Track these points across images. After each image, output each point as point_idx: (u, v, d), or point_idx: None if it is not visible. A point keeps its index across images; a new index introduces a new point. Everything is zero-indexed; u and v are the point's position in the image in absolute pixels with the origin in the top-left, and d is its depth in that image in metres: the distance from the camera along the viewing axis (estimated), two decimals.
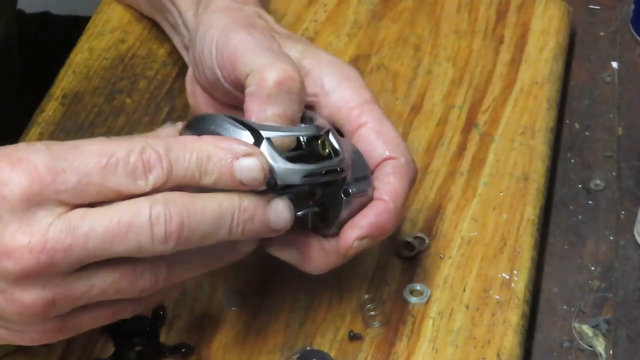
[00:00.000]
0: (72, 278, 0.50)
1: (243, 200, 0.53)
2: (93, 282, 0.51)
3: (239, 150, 0.52)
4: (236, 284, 0.67)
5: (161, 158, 0.50)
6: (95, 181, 0.49)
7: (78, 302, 0.51)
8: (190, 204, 0.51)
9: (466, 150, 0.76)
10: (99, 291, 0.51)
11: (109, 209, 0.50)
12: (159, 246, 0.50)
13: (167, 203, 0.50)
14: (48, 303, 0.50)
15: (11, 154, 0.50)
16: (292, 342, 0.64)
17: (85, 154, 0.50)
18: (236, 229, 0.52)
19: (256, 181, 0.52)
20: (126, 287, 0.52)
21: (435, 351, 0.63)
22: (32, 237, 0.48)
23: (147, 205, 0.50)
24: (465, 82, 0.82)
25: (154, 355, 0.62)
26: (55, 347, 0.63)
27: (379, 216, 0.58)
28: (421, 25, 0.87)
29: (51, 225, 0.49)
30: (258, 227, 0.53)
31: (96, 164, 0.49)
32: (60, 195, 0.49)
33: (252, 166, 0.52)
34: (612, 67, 0.87)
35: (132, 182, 0.50)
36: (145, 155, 0.50)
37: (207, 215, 0.51)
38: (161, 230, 0.50)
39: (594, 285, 0.70)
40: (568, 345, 0.67)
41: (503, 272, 0.68)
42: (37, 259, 0.48)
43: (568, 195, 0.77)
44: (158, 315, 0.64)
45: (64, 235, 0.49)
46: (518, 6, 0.89)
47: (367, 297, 0.66)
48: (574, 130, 0.82)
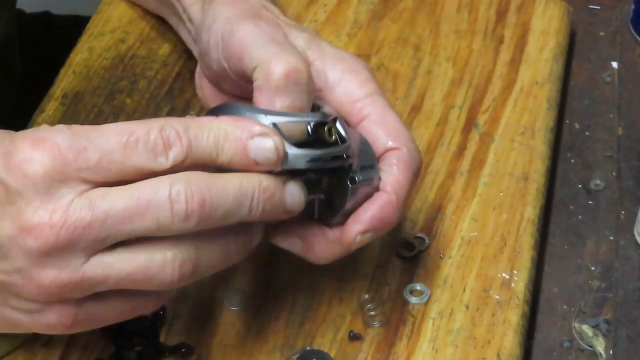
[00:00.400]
0: (93, 260, 0.50)
1: (263, 180, 0.53)
2: (113, 266, 0.51)
3: (255, 130, 0.53)
4: (236, 284, 0.67)
5: (180, 135, 0.51)
6: (116, 159, 0.50)
7: (96, 286, 0.51)
8: (211, 182, 0.51)
9: (466, 150, 0.76)
10: (118, 278, 0.51)
11: (129, 187, 0.50)
12: (180, 224, 0.50)
13: (189, 181, 0.50)
14: (66, 283, 0.50)
15: (34, 134, 0.50)
16: (292, 342, 0.64)
17: (106, 134, 0.50)
18: (256, 209, 0.53)
19: (270, 161, 0.53)
20: (146, 276, 0.51)
21: (435, 351, 0.63)
22: (53, 213, 0.49)
23: (168, 184, 0.50)
24: (465, 82, 0.82)
25: (154, 355, 0.62)
26: (55, 347, 0.63)
27: (382, 209, 0.58)
28: (421, 25, 0.87)
29: (72, 202, 0.49)
30: (276, 207, 0.54)
31: (117, 142, 0.50)
32: (82, 173, 0.50)
33: (266, 146, 0.53)
34: (612, 67, 0.87)
35: (153, 159, 0.50)
36: (165, 133, 0.51)
37: (228, 193, 0.51)
38: (182, 208, 0.50)
39: (594, 285, 0.70)
40: (568, 345, 0.67)
41: (503, 272, 0.68)
42: (57, 235, 0.49)
43: (568, 195, 0.77)
44: (158, 315, 0.64)
45: (84, 212, 0.49)
46: (518, 6, 0.89)
47: (367, 297, 0.66)
48: (574, 130, 0.82)
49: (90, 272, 0.50)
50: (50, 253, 0.49)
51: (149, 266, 0.51)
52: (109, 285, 0.51)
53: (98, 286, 0.51)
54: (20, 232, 0.49)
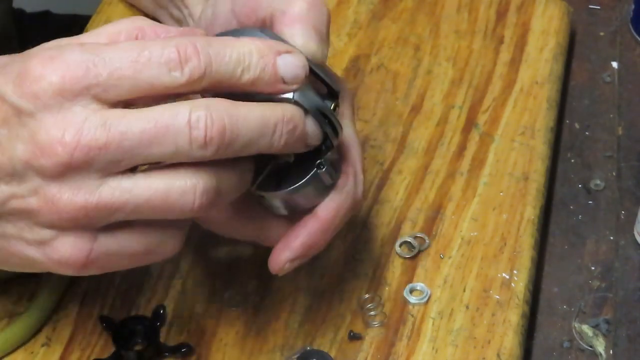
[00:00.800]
0: (110, 183, 0.49)
1: (286, 111, 0.52)
2: (131, 191, 0.49)
3: (281, 48, 0.52)
4: (236, 284, 0.67)
5: (198, 51, 0.49)
6: (127, 74, 0.49)
7: (113, 214, 0.50)
8: (233, 110, 0.50)
9: (466, 150, 0.76)
10: (136, 204, 0.49)
11: (147, 110, 0.49)
12: (198, 151, 0.49)
13: (209, 107, 0.49)
14: (81, 206, 0.49)
15: (44, 52, 0.49)
16: (292, 342, 0.64)
17: (117, 50, 0.49)
18: (279, 140, 0.52)
19: (298, 79, 0.52)
20: (166, 203, 0.50)
21: (435, 351, 0.63)
22: (65, 132, 0.48)
23: (188, 109, 0.49)
24: (465, 82, 0.82)
25: (154, 355, 0.62)
26: (55, 347, 0.63)
27: (312, 236, 0.57)
28: (421, 25, 0.87)
29: (86, 120, 0.48)
30: (298, 139, 0.53)
31: (128, 57, 0.49)
32: (93, 90, 0.48)
33: (295, 62, 0.52)
34: (612, 67, 0.87)
35: (166, 73, 0.49)
36: (181, 48, 0.49)
37: (250, 122, 0.50)
38: (200, 135, 0.49)
39: (594, 285, 0.70)
40: (568, 345, 0.67)
41: (503, 272, 0.68)
42: (71, 154, 0.48)
43: (568, 195, 0.77)
44: (158, 315, 0.64)
45: (99, 132, 0.48)
46: (518, 6, 0.89)
47: (367, 297, 0.66)
48: (574, 130, 0.82)
49: (107, 196, 0.49)
50: (65, 173, 0.48)
51: (169, 193, 0.49)
52: (126, 213, 0.50)
53: (115, 213, 0.49)
54: (33, 153, 0.48)
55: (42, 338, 0.63)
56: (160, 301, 0.65)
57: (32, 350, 0.63)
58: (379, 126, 0.78)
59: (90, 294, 0.66)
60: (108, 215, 0.50)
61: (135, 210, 0.50)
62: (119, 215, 0.50)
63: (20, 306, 0.65)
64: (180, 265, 0.68)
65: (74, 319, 0.64)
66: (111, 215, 0.50)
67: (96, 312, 0.65)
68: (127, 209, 0.50)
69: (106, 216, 0.50)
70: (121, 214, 0.50)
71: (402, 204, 0.72)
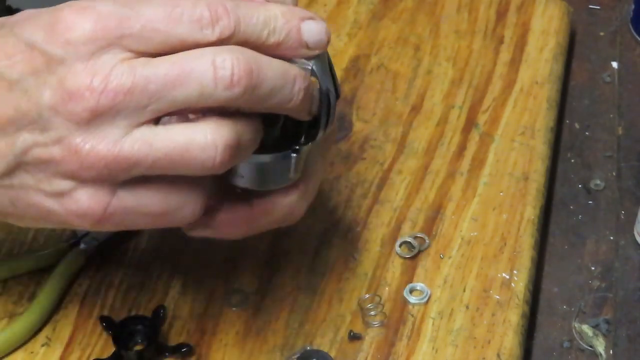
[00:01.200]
0: (132, 134, 0.49)
1: (302, 70, 0.53)
2: (152, 144, 0.49)
3: (305, 14, 0.53)
4: (236, 284, 0.67)
5: (228, 11, 0.50)
6: (159, 28, 0.49)
7: (133, 167, 0.49)
8: (258, 55, 0.51)
9: (466, 150, 0.76)
10: (156, 157, 0.49)
11: (172, 55, 0.50)
12: (224, 92, 0.49)
13: (235, 51, 0.50)
14: (103, 156, 0.49)
15: (77, 3, 0.50)
16: (292, 342, 0.64)
17: (150, 4, 0.50)
18: (297, 94, 0.52)
19: (321, 44, 0.53)
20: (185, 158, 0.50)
21: (435, 351, 0.63)
22: (93, 77, 0.48)
23: (212, 52, 0.50)
24: (465, 82, 0.82)
25: (154, 355, 0.62)
26: (55, 347, 0.63)
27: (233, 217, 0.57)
28: (421, 25, 0.87)
29: (114, 67, 0.49)
30: (308, 100, 0.53)
31: (161, 12, 0.50)
32: (124, 40, 0.49)
33: (319, 28, 0.53)
34: (612, 67, 0.87)
35: (198, 30, 0.50)
36: (212, 7, 0.50)
37: (275, 68, 0.51)
38: (227, 74, 0.49)
39: (594, 285, 0.70)
40: (568, 345, 0.67)
41: (503, 272, 0.68)
42: (97, 99, 0.48)
43: (568, 195, 0.77)
44: (158, 315, 0.64)
45: (125, 77, 0.49)
46: (518, 6, 0.89)
47: (367, 297, 0.66)
48: (574, 130, 0.82)
49: (128, 148, 0.49)
50: (91, 120, 0.48)
51: (190, 147, 0.50)
52: (146, 166, 0.50)
53: (135, 167, 0.49)
54: (61, 98, 0.48)
55: (42, 338, 0.63)
56: (160, 301, 0.65)
57: (32, 350, 0.63)
58: (379, 126, 0.78)
59: (90, 294, 0.66)
60: (128, 168, 0.49)
61: (155, 164, 0.50)
62: (139, 169, 0.50)
63: (20, 306, 0.65)
64: (181, 265, 0.68)
65: (74, 319, 0.64)
66: (131, 169, 0.50)
67: (96, 312, 0.65)
68: (147, 163, 0.49)
69: (126, 169, 0.50)
70: (141, 168, 0.50)
71: (402, 204, 0.72)
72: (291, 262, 0.68)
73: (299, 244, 0.69)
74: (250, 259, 0.68)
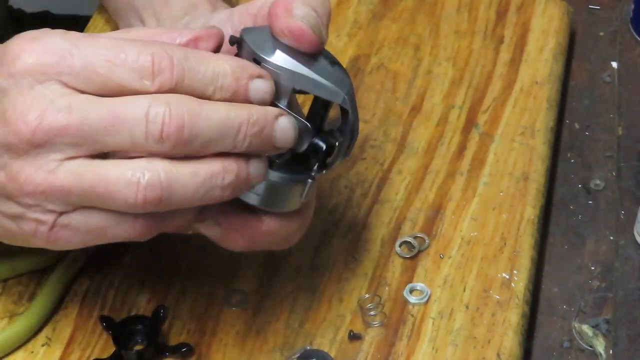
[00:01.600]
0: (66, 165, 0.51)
1: (253, 113, 0.52)
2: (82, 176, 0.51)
3: (255, 71, 0.53)
4: (236, 284, 0.67)
5: (173, 64, 0.50)
6: (99, 71, 0.50)
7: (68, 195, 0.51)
8: (195, 108, 0.50)
9: (466, 150, 0.76)
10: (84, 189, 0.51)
11: (110, 100, 0.50)
12: (155, 145, 0.50)
13: (170, 104, 0.50)
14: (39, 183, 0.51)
15: (32, 34, 0.52)
16: (292, 342, 0.64)
17: (96, 46, 0.51)
18: (242, 142, 0.52)
19: (264, 102, 0.53)
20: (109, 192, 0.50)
21: (435, 351, 0.63)
22: (30, 111, 0.50)
23: (147, 102, 0.50)
24: (465, 82, 0.82)
25: (154, 355, 0.62)
26: (55, 347, 0.63)
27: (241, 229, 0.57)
28: (421, 25, 0.87)
29: (51, 103, 0.50)
30: (264, 142, 0.53)
31: (104, 55, 0.50)
32: (63, 77, 0.50)
33: (265, 87, 0.53)
34: (612, 67, 0.87)
35: (138, 79, 0.50)
36: (157, 58, 0.50)
37: (212, 122, 0.51)
38: (157, 129, 0.50)
39: (594, 285, 0.70)
40: (568, 345, 0.67)
41: (503, 272, 0.68)
42: (33, 133, 0.50)
43: (568, 195, 0.77)
44: (158, 315, 0.64)
45: (61, 115, 0.50)
46: (518, 6, 0.89)
47: (367, 297, 0.66)
48: (574, 130, 0.82)
49: (62, 178, 0.51)
50: (28, 151, 0.50)
51: (114, 182, 0.50)
52: (79, 196, 0.51)
53: (69, 195, 0.51)
54: (2, 128, 0.51)
55: (42, 338, 0.63)
56: (160, 301, 0.65)
57: (32, 350, 0.63)
58: (379, 126, 0.78)
59: (90, 294, 0.66)
60: (64, 196, 0.51)
61: (84, 195, 0.51)
62: (73, 198, 0.51)
63: (20, 306, 0.65)
64: (181, 265, 0.68)
65: (74, 319, 0.64)
66: (66, 197, 0.51)
67: (96, 312, 0.65)
68: (78, 193, 0.51)
69: (62, 197, 0.51)
70: (75, 197, 0.51)
71: (402, 204, 0.72)
72: (291, 262, 0.68)
73: (299, 244, 0.69)
74: (250, 259, 0.68)
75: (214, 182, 0.52)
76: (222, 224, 0.56)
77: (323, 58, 0.56)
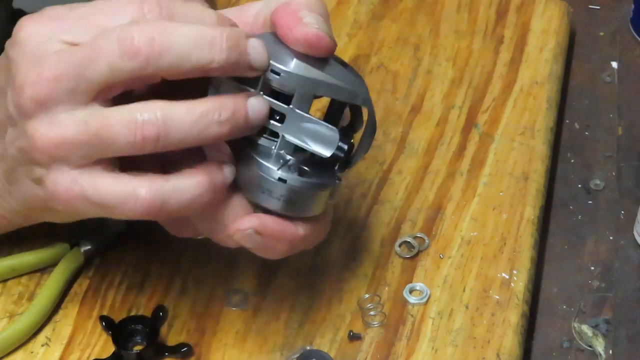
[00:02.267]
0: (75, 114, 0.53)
1: (225, 29, 0.53)
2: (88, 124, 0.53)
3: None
4: (236, 284, 0.67)
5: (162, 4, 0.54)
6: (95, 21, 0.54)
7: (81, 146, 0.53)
8: (167, 24, 0.52)
9: (466, 150, 0.76)
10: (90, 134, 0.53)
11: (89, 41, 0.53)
12: (129, 64, 0.52)
13: (141, 23, 0.52)
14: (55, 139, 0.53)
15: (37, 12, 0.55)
16: (292, 342, 0.64)
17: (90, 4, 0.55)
18: (219, 55, 0.53)
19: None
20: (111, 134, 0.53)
21: (435, 351, 0.63)
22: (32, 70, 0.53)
23: (120, 29, 0.52)
24: (465, 82, 0.82)
25: (154, 355, 0.62)
26: (55, 347, 0.63)
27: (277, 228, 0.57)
28: (421, 25, 0.87)
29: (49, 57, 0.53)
30: (240, 58, 0.54)
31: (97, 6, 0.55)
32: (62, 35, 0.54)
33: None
34: (612, 67, 0.87)
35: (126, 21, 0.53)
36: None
37: (184, 35, 0.52)
38: (127, 45, 0.52)
39: (593, 285, 0.70)
40: (568, 345, 0.67)
41: (503, 272, 0.68)
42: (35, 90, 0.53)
43: (568, 195, 0.77)
44: (158, 315, 0.64)
45: (55, 64, 0.53)
46: (518, 6, 0.89)
47: (367, 297, 0.66)
48: (574, 130, 0.82)
49: (71, 129, 0.53)
50: (36, 109, 0.53)
51: (115, 124, 0.52)
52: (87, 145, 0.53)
53: (80, 147, 0.53)
54: (16, 93, 0.54)
55: (42, 338, 0.63)
56: (160, 301, 0.65)
57: (32, 350, 0.63)
58: (379, 126, 0.78)
59: (90, 294, 0.66)
60: (76, 148, 0.54)
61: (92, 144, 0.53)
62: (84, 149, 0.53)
63: (20, 306, 0.65)
64: (180, 265, 0.68)
65: (74, 319, 0.65)
66: (79, 149, 0.54)
67: (96, 312, 0.65)
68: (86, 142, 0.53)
69: (75, 149, 0.54)
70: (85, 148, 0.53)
71: (402, 204, 0.72)
72: (291, 262, 0.68)
73: None
74: (250, 259, 0.68)
75: (210, 119, 0.53)
76: (264, 233, 0.57)
77: (334, 61, 0.56)
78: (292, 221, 0.57)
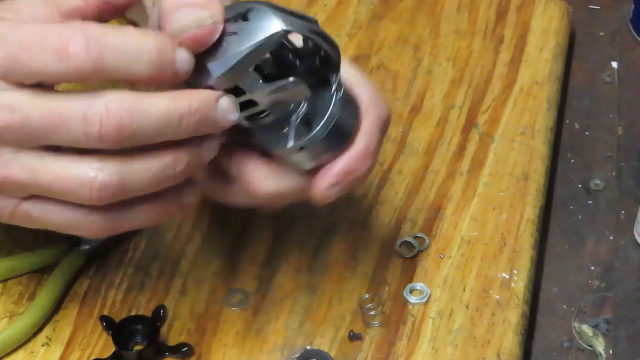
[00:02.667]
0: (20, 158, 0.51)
1: (193, 101, 0.52)
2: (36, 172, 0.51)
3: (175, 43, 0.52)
4: (236, 284, 0.67)
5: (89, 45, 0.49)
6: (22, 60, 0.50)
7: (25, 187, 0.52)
8: (135, 104, 0.50)
9: (466, 150, 0.76)
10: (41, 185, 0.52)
11: (51, 97, 0.50)
12: (97, 144, 0.50)
13: (108, 103, 0.50)
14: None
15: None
16: (292, 342, 0.64)
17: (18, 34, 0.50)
18: (185, 131, 0.52)
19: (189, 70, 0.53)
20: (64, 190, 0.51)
21: (435, 351, 0.63)
22: None
23: (86, 102, 0.50)
24: (465, 82, 0.82)
25: (154, 355, 0.62)
26: (55, 347, 0.63)
27: (351, 161, 0.57)
28: (421, 25, 0.87)
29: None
30: (207, 127, 0.53)
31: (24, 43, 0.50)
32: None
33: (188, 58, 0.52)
34: (612, 67, 0.87)
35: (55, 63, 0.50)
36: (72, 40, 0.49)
37: (152, 118, 0.51)
38: (95, 130, 0.50)
39: (593, 285, 0.70)
40: (568, 345, 0.67)
41: (503, 272, 0.68)
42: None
43: (568, 195, 0.77)
44: (158, 315, 0.64)
45: (3, 113, 0.50)
46: (518, 6, 0.89)
47: (367, 297, 0.66)
48: (574, 130, 0.82)
49: (17, 171, 0.51)
50: None
51: (68, 182, 0.51)
52: (35, 190, 0.52)
53: (26, 187, 0.52)
54: None
55: (42, 338, 0.63)
56: (160, 301, 0.65)
57: (32, 350, 0.63)
58: None
59: (90, 294, 0.66)
60: (21, 188, 0.52)
61: (41, 190, 0.52)
62: (30, 190, 0.52)
63: (20, 306, 0.65)
64: (180, 265, 0.68)
65: (74, 319, 0.64)
66: (24, 189, 0.52)
67: (96, 312, 0.65)
68: (33, 187, 0.52)
69: (18, 189, 0.52)
70: (32, 190, 0.52)
71: (402, 204, 0.72)
72: (291, 262, 0.68)
73: (299, 244, 0.69)
74: (250, 259, 0.68)
75: (166, 173, 0.53)
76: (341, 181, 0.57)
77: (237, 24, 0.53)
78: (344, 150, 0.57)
